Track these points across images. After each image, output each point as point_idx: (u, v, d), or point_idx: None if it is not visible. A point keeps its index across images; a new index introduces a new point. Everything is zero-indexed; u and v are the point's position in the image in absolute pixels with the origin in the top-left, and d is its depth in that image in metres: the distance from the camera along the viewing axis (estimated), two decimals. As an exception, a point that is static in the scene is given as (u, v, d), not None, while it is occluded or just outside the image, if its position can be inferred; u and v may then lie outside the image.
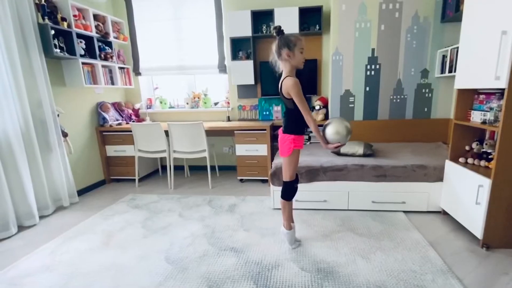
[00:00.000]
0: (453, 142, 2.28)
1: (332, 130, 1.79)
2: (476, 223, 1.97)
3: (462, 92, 2.18)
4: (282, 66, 1.84)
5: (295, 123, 1.86)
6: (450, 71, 2.90)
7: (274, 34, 1.79)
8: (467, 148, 2.26)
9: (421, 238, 2.09)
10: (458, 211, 2.18)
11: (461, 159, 2.23)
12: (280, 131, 1.97)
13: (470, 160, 2.16)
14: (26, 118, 2.54)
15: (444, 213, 2.44)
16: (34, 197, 2.59)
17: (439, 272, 1.71)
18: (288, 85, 1.75)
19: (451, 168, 2.26)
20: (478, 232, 1.95)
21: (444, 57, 3.04)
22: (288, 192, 1.96)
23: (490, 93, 2.03)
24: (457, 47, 2.64)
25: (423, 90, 3.27)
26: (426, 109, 3.31)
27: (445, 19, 3.00)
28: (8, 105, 2.38)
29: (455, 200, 2.21)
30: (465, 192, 2.07)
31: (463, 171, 2.10)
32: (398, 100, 3.32)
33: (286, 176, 1.94)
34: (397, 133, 3.37)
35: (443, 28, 3.08)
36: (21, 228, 2.50)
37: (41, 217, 2.68)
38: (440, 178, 2.40)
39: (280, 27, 1.79)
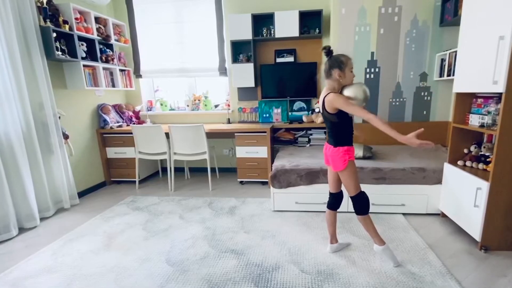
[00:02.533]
0: (451, 145, 2.30)
1: (348, 93, 1.70)
2: (474, 226, 1.99)
3: (460, 96, 2.21)
4: (329, 84, 1.76)
5: (344, 135, 1.78)
6: (448, 75, 2.92)
7: (324, 54, 1.73)
8: (465, 151, 2.29)
9: (420, 241, 2.11)
10: (457, 214, 2.20)
11: (459, 162, 2.25)
12: (328, 147, 1.85)
13: (468, 163, 2.19)
14: (27, 120, 2.55)
15: (443, 215, 2.45)
16: (35, 198, 2.60)
17: (438, 274, 1.73)
18: (333, 100, 1.66)
19: (450, 171, 2.28)
20: (477, 235, 1.97)
21: (442, 60, 3.07)
22: (363, 204, 1.80)
23: (488, 97, 2.05)
24: (456, 51, 2.67)
25: (422, 93, 3.29)
26: (425, 112, 3.34)
27: (443, 23, 3.03)
28: (10, 107, 2.39)
29: (453, 202, 2.23)
30: (464, 194, 2.09)
31: (462, 174, 2.12)
32: (397, 103, 3.35)
33: (351, 191, 1.79)
34: (396, 136, 3.39)
35: (441, 32, 3.12)
36: (22, 230, 2.50)
37: (42, 219, 2.69)
38: (439, 181, 2.42)
39: (329, 47, 1.71)
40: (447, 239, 2.14)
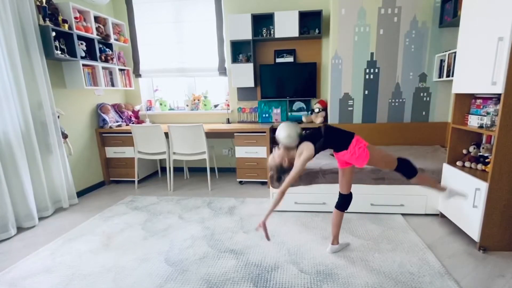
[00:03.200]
0: (450, 145, 2.31)
1: (284, 134, 1.75)
2: (473, 226, 1.99)
3: (459, 97, 2.22)
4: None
5: (343, 138, 1.77)
6: (448, 76, 2.93)
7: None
8: (464, 151, 2.29)
9: (419, 241, 2.11)
10: (456, 214, 2.21)
11: (458, 163, 2.26)
12: (340, 154, 1.80)
13: (467, 164, 2.19)
14: (26, 120, 2.54)
15: (441, 216, 2.46)
16: (34, 198, 2.60)
17: (436, 275, 1.73)
18: (304, 148, 1.71)
19: (449, 172, 2.28)
20: (475, 235, 1.97)
21: (442, 61, 3.08)
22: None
23: (487, 98, 2.06)
24: (455, 52, 2.68)
25: (421, 94, 3.30)
26: (424, 113, 3.35)
27: (443, 24, 3.04)
28: (8, 106, 2.39)
29: (452, 203, 2.24)
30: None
31: (461, 175, 2.13)
32: (397, 104, 3.36)
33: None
34: (396, 136, 3.40)
35: (441, 33, 3.12)
36: (20, 229, 2.50)
37: (40, 219, 2.68)
38: (438, 181, 2.42)
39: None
40: (446, 240, 2.14)
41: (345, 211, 1.98)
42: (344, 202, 1.96)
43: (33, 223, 2.55)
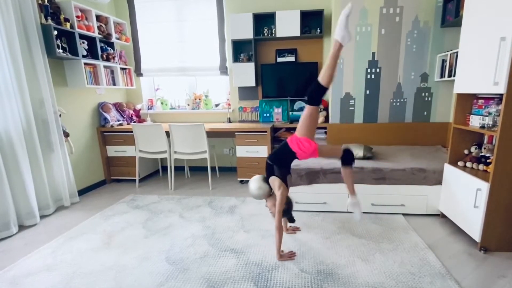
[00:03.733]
0: (452, 146, 2.30)
1: (256, 185, 2.01)
2: (474, 226, 1.99)
3: (461, 97, 2.21)
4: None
5: (285, 152, 2.06)
6: (449, 76, 2.92)
7: None
8: (466, 152, 2.29)
9: (419, 241, 2.11)
10: (457, 214, 2.20)
11: (460, 163, 2.25)
12: (300, 159, 2.06)
13: (468, 164, 2.19)
14: (28, 118, 2.55)
15: (442, 216, 2.46)
16: (35, 196, 2.60)
17: (437, 275, 1.73)
18: (280, 188, 1.95)
19: (450, 172, 2.28)
20: (476, 235, 1.97)
21: (443, 61, 3.07)
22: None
23: (489, 98, 2.05)
24: (457, 52, 2.67)
25: (423, 94, 3.29)
26: (425, 113, 3.34)
27: (445, 24, 3.03)
28: (10, 104, 2.39)
29: (453, 203, 2.24)
30: (464, 195, 2.10)
31: (462, 175, 2.12)
32: (398, 104, 3.35)
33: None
34: (397, 136, 3.40)
35: (443, 33, 3.11)
36: (21, 227, 2.51)
37: (42, 217, 2.69)
38: (439, 181, 2.42)
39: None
40: (447, 240, 2.14)
41: (345, 165, 2.05)
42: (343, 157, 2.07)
43: (34, 221, 2.56)
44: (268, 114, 3.87)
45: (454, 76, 2.79)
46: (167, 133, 3.30)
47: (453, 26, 3.03)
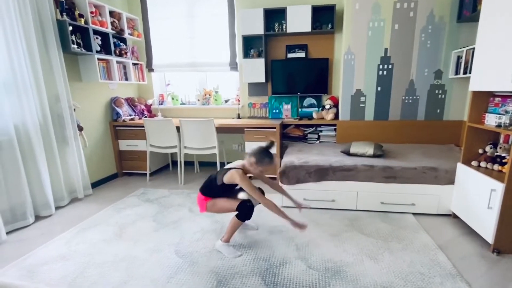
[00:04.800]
0: (466, 144, 2.25)
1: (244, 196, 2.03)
2: (487, 228, 1.95)
3: (477, 94, 2.15)
4: (246, 160, 1.98)
5: (214, 192, 2.04)
6: (465, 72, 2.85)
7: (267, 145, 1.98)
8: (480, 151, 2.23)
9: (430, 241, 2.08)
10: (469, 215, 2.16)
11: (473, 162, 2.20)
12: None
13: (483, 164, 2.14)
14: (44, 112, 2.62)
15: (454, 216, 2.41)
16: (51, 188, 2.68)
17: (448, 276, 1.71)
18: (235, 177, 1.89)
19: (463, 171, 2.23)
20: (489, 237, 1.93)
21: (459, 57, 2.99)
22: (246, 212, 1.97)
23: (506, 96, 1.99)
24: (473, 48, 2.59)
25: (436, 91, 3.22)
26: (438, 111, 3.27)
27: (461, 19, 2.94)
28: (27, 99, 2.46)
29: (466, 203, 2.19)
30: (477, 196, 2.05)
31: (476, 175, 2.08)
32: (410, 101, 3.29)
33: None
34: (408, 134, 3.34)
35: (459, 28, 3.03)
36: (38, 218, 2.59)
37: (57, 208, 2.78)
38: (451, 181, 2.38)
39: (271, 145, 1.99)
40: (458, 241, 2.11)
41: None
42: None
43: (50, 212, 2.65)
44: (277, 111, 3.86)
45: (469, 73, 2.71)
46: (178, 128, 3.33)
47: (470, 21, 2.94)
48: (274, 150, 2.08)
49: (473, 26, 2.94)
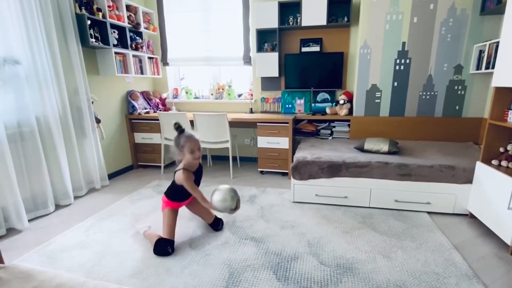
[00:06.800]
0: (486, 143, 2.18)
1: (218, 197, 1.96)
2: (506, 229, 1.89)
3: (499, 91, 2.07)
4: (179, 158, 1.98)
5: (175, 194, 2.06)
6: (487, 68, 2.74)
7: (174, 130, 1.93)
8: (501, 150, 2.16)
9: (445, 241, 2.04)
10: (488, 215, 2.10)
11: (494, 161, 2.13)
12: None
13: (504, 163, 2.06)
14: (64, 105, 2.71)
15: (471, 216, 2.35)
16: (70, 178, 2.78)
17: (463, 277, 1.67)
18: (180, 179, 1.92)
19: (482, 170, 2.17)
20: (508, 238, 1.87)
21: (481, 52, 2.87)
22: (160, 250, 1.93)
23: (531, 93, 1.91)
24: (497, 42, 2.48)
25: (456, 87, 3.11)
26: (457, 107, 3.16)
27: (485, 12, 2.82)
28: (48, 92, 2.54)
29: (484, 203, 2.13)
30: (497, 196, 1.99)
31: (496, 174, 2.01)
32: (428, 97, 3.20)
33: (163, 232, 2.00)
34: (425, 131, 3.26)
35: (482, 21, 2.90)
36: (58, 206, 2.70)
37: (75, 198, 2.88)
38: (469, 180, 2.31)
39: (179, 125, 1.93)
40: (475, 241, 2.06)
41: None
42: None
43: (69, 201, 2.75)
44: (290, 105, 3.84)
45: (492, 68, 2.61)
46: (191, 122, 3.37)
47: (494, 14, 2.81)
48: (186, 126, 2.06)
49: (497, 19, 2.82)
